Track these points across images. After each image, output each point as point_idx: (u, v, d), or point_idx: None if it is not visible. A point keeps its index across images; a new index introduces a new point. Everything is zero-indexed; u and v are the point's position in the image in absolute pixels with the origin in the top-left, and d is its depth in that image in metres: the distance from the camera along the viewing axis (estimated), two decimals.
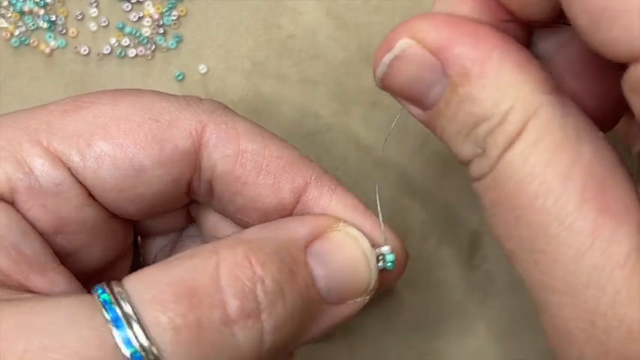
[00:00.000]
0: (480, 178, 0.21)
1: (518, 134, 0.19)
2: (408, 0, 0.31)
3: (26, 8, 0.31)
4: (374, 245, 0.24)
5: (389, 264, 0.24)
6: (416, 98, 0.22)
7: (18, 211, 0.22)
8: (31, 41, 0.31)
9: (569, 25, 0.19)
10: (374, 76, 0.22)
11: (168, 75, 0.32)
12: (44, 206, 0.22)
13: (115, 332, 0.19)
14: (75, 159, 0.22)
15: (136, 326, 0.19)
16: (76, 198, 0.23)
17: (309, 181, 0.24)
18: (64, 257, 0.23)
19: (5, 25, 0.31)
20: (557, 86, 0.20)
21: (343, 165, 0.32)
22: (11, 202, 0.22)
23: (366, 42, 0.32)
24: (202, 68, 0.32)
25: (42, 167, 0.22)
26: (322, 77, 0.32)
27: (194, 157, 0.23)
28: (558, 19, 0.20)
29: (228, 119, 0.24)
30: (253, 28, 0.32)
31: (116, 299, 0.19)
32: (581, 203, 0.19)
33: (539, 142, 0.19)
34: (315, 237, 0.23)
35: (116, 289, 0.20)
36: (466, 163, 0.21)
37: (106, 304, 0.19)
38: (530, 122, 0.19)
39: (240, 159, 0.23)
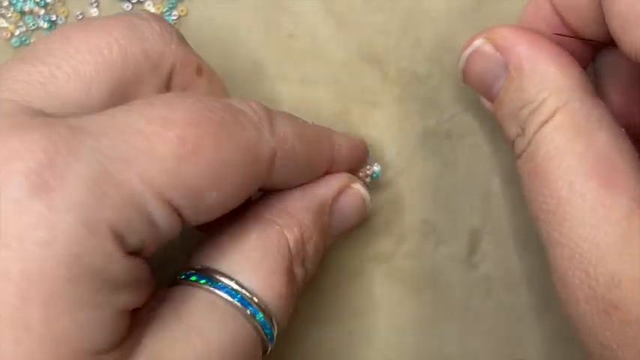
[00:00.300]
0: (520, 155, 0.26)
1: (549, 117, 0.25)
2: (408, 0, 0.31)
3: (26, 8, 0.31)
4: (368, 164, 0.30)
5: (375, 175, 0.30)
6: (485, 90, 0.28)
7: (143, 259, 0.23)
8: (32, 41, 0.31)
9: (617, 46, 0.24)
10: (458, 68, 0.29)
11: None
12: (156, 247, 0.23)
13: (257, 317, 0.24)
14: (188, 212, 0.23)
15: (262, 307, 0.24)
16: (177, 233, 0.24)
17: (333, 152, 0.28)
18: None
19: (6, 25, 0.31)
20: (591, 89, 0.25)
21: None
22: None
23: (367, 42, 0.32)
24: None
25: (169, 226, 0.22)
26: (322, 77, 0.32)
27: (264, 180, 0.25)
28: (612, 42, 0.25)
29: (283, 131, 0.25)
30: (253, 28, 0.32)
31: (248, 296, 0.24)
32: (590, 177, 0.23)
33: (565, 125, 0.24)
34: (335, 197, 0.28)
35: (233, 284, 0.24)
36: (512, 143, 0.26)
37: (246, 305, 0.24)
38: (560, 109, 0.25)
39: (297, 170, 0.26)
